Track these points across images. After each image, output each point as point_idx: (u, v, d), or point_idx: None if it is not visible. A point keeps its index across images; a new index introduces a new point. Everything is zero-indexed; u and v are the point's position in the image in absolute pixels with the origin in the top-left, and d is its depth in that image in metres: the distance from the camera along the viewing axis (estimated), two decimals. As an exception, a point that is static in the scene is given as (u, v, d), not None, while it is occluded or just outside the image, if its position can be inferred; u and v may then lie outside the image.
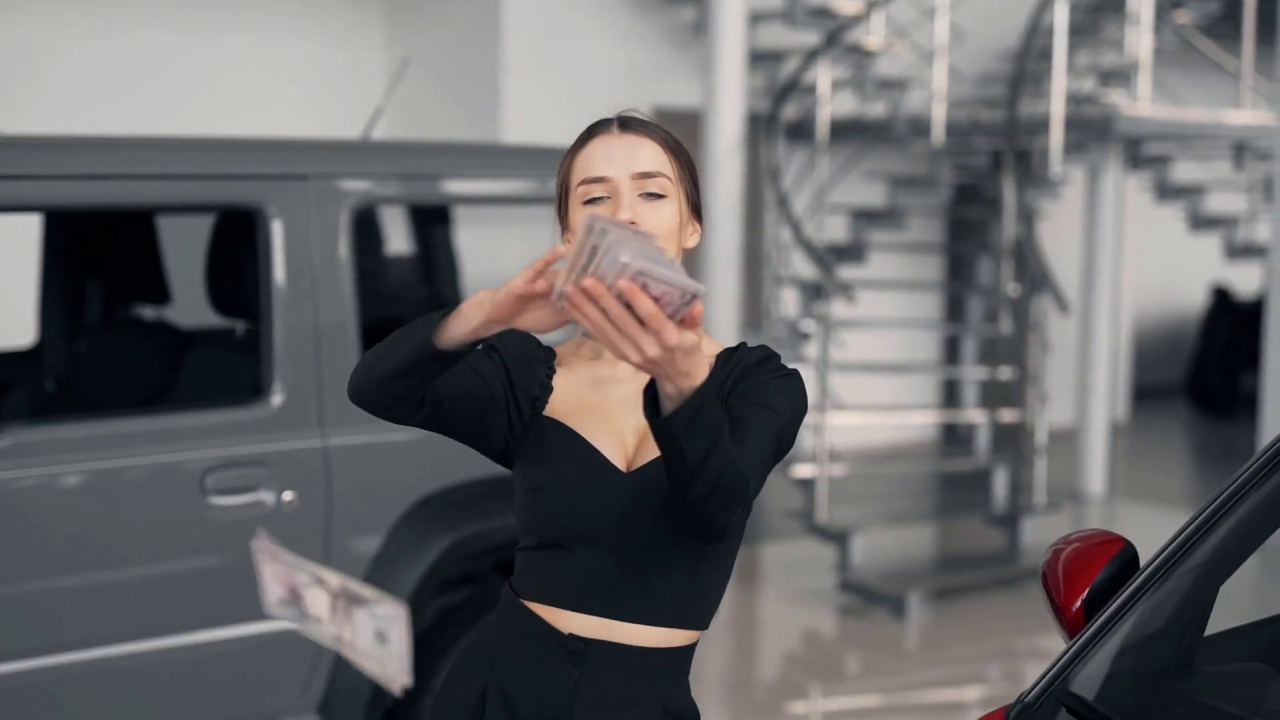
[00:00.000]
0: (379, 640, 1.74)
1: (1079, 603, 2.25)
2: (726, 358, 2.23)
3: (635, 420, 2.20)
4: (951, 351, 11.22)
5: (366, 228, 4.81)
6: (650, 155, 2.20)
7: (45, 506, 3.74)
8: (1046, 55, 9.10)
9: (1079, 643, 2.08)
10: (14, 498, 3.68)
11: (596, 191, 2.19)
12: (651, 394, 1.87)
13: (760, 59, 9.78)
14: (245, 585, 3.99)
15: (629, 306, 1.73)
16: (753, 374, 2.18)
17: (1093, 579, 2.25)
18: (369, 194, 4.23)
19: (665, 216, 2.19)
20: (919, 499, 9.66)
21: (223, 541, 3.94)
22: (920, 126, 9.44)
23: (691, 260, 9.49)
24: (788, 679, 6.59)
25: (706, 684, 6.36)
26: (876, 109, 9.87)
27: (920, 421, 10.72)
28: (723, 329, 8.41)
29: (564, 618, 2.20)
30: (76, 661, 3.77)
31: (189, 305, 4.89)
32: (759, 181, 9.37)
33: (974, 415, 8.62)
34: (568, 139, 7.95)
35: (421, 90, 9.68)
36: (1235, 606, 2.35)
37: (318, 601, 1.79)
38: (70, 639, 3.76)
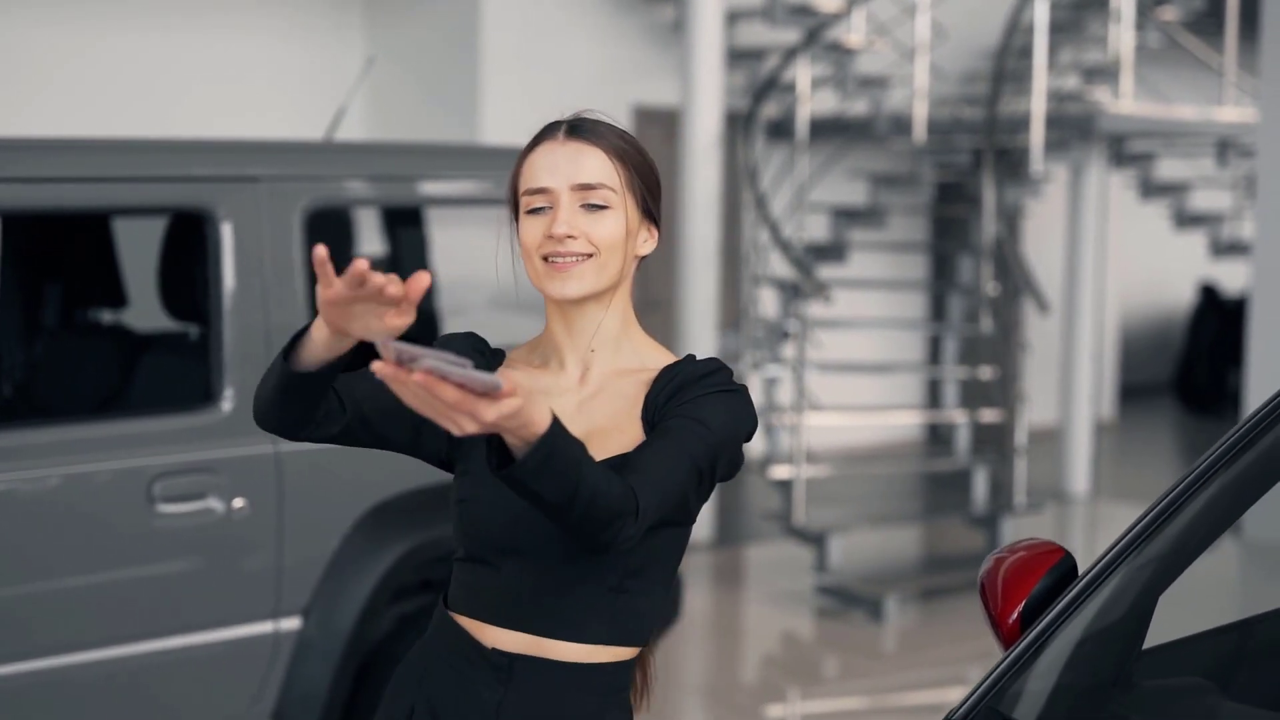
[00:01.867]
0: None
1: (1015, 615, 2.19)
2: (666, 375, 2.17)
3: (572, 431, 2.14)
4: (936, 351, 11.17)
5: (334, 229, 4.74)
6: (593, 166, 2.15)
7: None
8: (1028, 53, 9.04)
9: (1009, 658, 2.02)
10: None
11: (538, 202, 2.15)
12: (498, 442, 1.85)
13: (740, 57, 9.73)
14: (195, 593, 3.95)
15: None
16: (692, 387, 2.13)
17: (1029, 590, 2.19)
18: (322, 196, 4.16)
19: (608, 227, 2.14)
20: (900, 500, 9.61)
21: (171, 549, 3.87)
22: (902, 125, 9.38)
23: (669, 260, 9.46)
24: (765, 681, 6.55)
25: (683, 686, 6.31)
26: (858, 107, 9.81)
27: (900, 422, 10.66)
28: (700, 330, 8.35)
29: (489, 633, 2.16)
30: (23, 671, 3.71)
31: (146, 309, 4.83)
32: (738, 180, 9.32)
33: (954, 415, 8.57)
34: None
35: (400, 90, 9.63)
36: (1176, 618, 2.29)
37: None
38: (17, 649, 3.69)
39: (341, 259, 4.93)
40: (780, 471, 7.81)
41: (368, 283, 1.82)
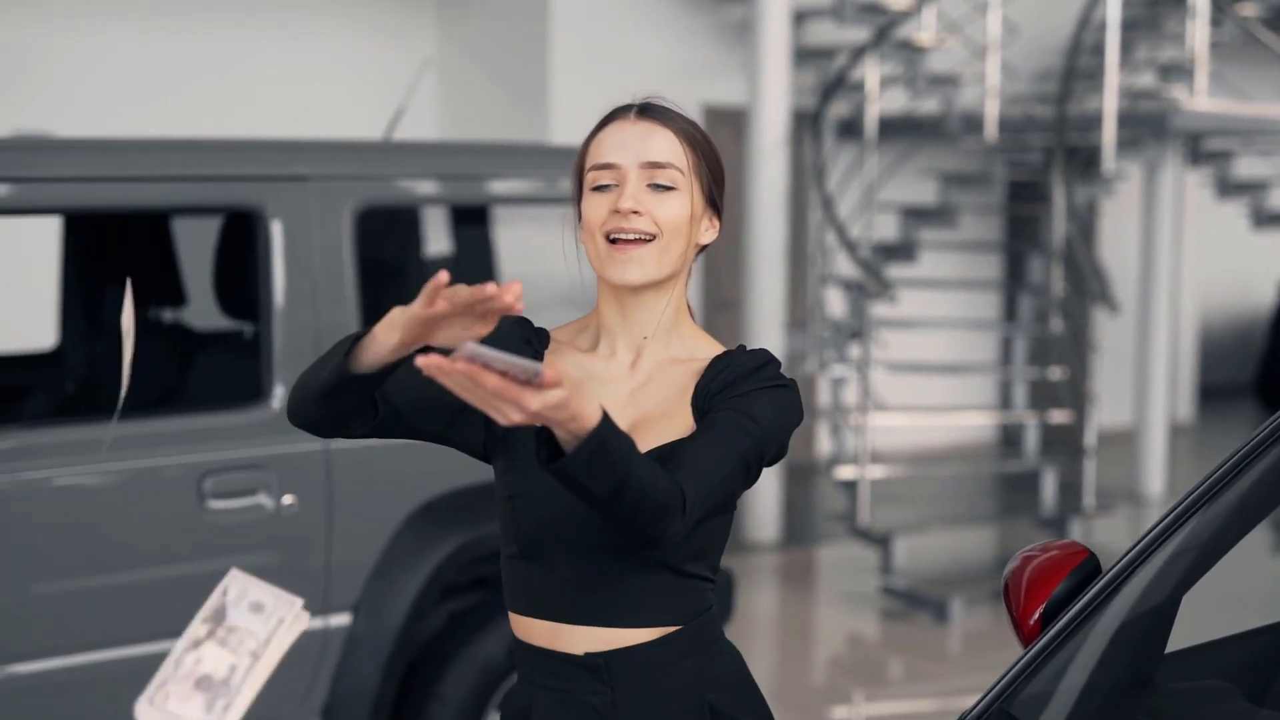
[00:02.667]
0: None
1: (1036, 615, 2.16)
2: (718, 364, 2.16)
3: (620, 419, 2.13)
4: (1009, 352, 11.08)
5: (385, 228, 4.77)
6: (663, 145, 2.14)
7: (45, 509, 3.72)
8: (1101, 50, 8.94)
9: (1023, 659, 1.99)
10: (13, 501, 3.66)
11: (604, 179, 2.14)
12: (547, 435, 1.84)
13: (810, 56, 9.69)
14: (245, 589, 3.97)
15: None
16: (744, 381, 2.12)
17: (1051, 590, 2.16)
18: (373, 195, 4.19)
19: (673, 209, 2.13)
20: (969, 501, 9.54)
21: (220, 545, 3.91)
22: (973, 123, 9.30)
23: (736, 260, 9.43)
24: (830, 683, 6.51)
25: (745, 688, 6.29)
26: (928, 106, 9.74)
27: (970, 423, 10.56)
28: (767, 329, 8.32)
29: (564, 633, 2.14)
30: (77, 665, 3.75)
31: (204, 308, 4.88)
32: (806, 180, 9.28)
33: (1023, 416, 8.49)
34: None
35: (471, 89, 9.68)
36: (1203, 620, 2.25)
37: None
38: (71, 642, 3.74)
39: (392, 257, 4.97)
40: (845, 472, 7.76)
41: (472, 299, 1.82)
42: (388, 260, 4.82)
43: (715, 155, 2.21)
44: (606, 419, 1.81)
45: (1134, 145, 9.31)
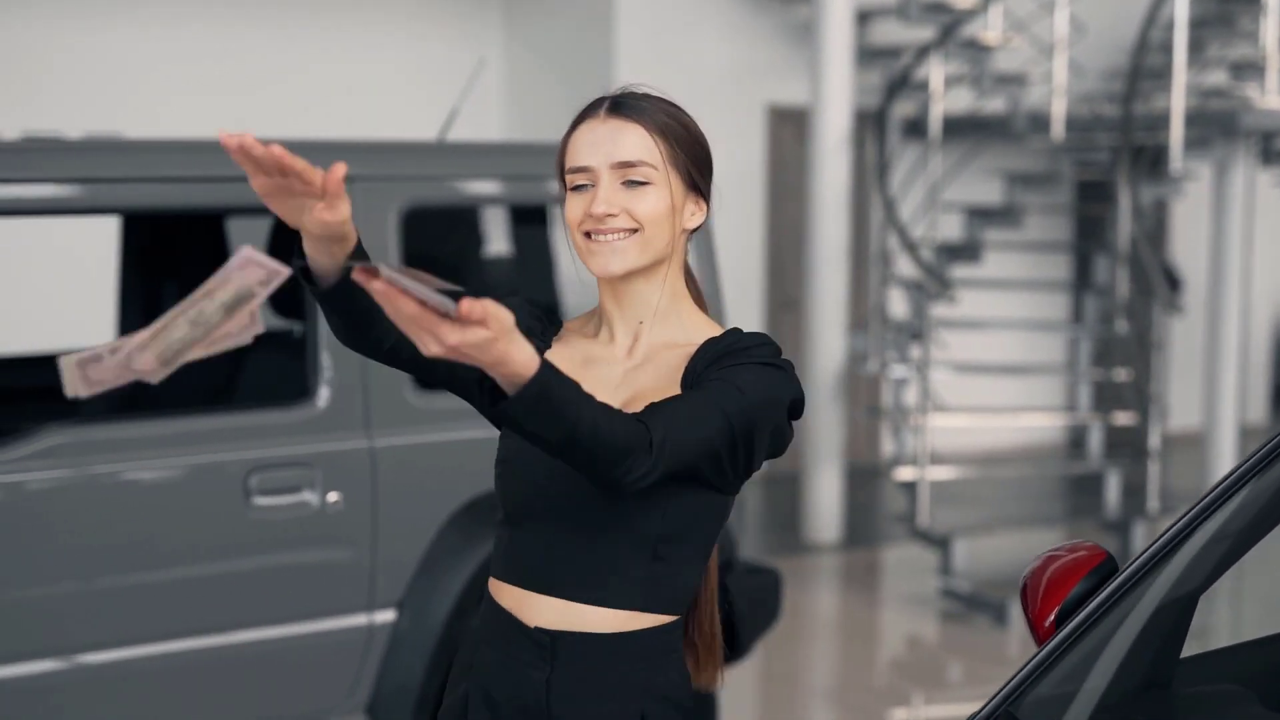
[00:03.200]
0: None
1: (1051, 617, 2.15)
2: (710, 344, 2.17)
3: (614, 401, 2.15)
4: (1077, 354, 10.98)
5: (432, 228, 4.80)
6: (633, 143, 2.15)
7: (92, 506, 3.78)
8: (1170, 48, 8.84)
9: (1032, 662, 1.98)
10: (57, 497, 3.72)
11: (580, 180, 2.17)
12: (491, 382, 1.88)
13: (876, 55, 9.65)
14: (291, 585, 4.02)
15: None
16: (732, 356, 2.13)
17: (1067, 592, 2.14)
18: (418, 195, 4.21)
19: (649, 203, 2.14)
20: (1032, 503, 9.46)
21: (266, 541, 3.95)
22: (1040, 122, 9.23)
23: (796, 259, 9.40)
24: (889, 684, 6.49)
25: (806, 688, 6.30)
26: (993, 105, 9.67)
27: (1035, 424, 10.47)
28: (829, 329, 8.30)
29: (529, 607, 2.16)
30: (125, 658, 3.80)
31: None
32: (868, 180, 9.25)
33: (1086, 418, 8.41)
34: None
35: (538, 88, 9.72)
36: (1221, 624, 2.22)
37: None
38: (118, 636, 3.79)
39: (441, 257, 5.00)
40: (905, 473, 7.73)
41: (287, 169, 1.85)
42: (438, 260, 4.84)
43: (695, 140, 2.21)
44: (547, 365, 1.84)
45: (1204, 145, 9.19)
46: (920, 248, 8.33)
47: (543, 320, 2.29)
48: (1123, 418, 8.15)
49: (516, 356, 1.80)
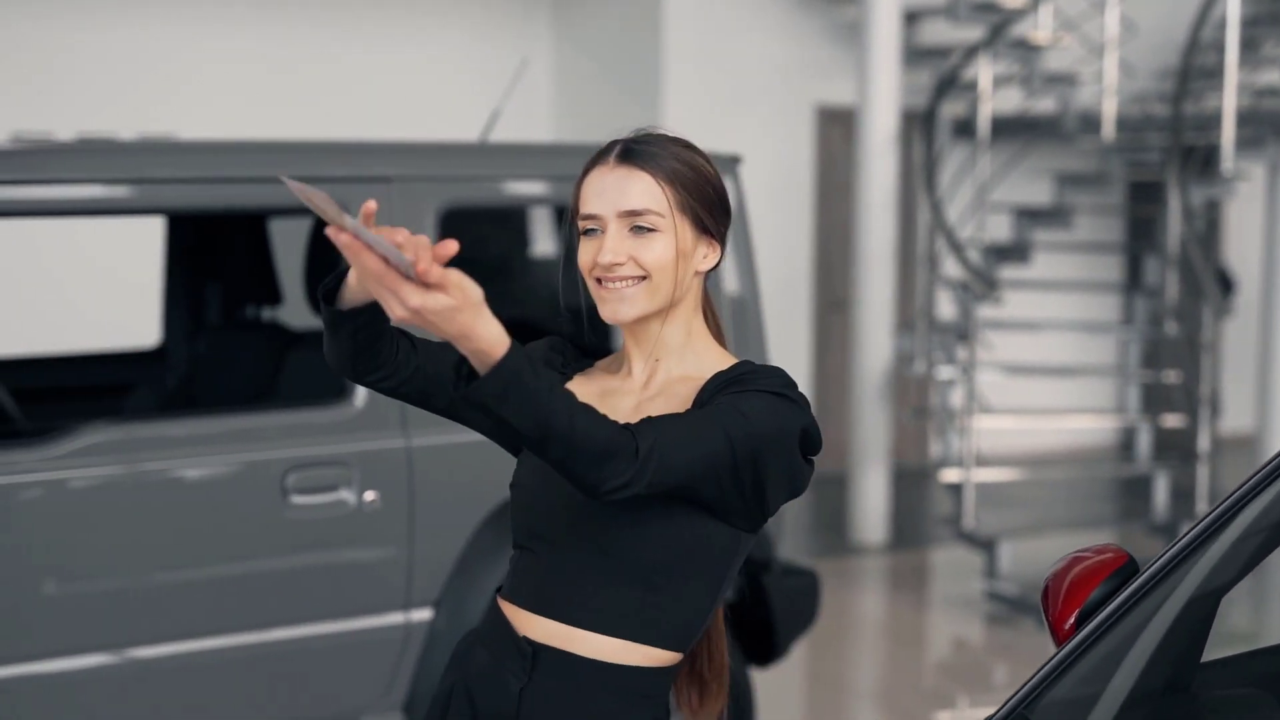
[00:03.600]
0: None
1: (1071, 620, 2.14)
2: (719, 375, 2.18)
3: None
4: (1128, 355, 10.90)
5: (470, 229, 4.82)
6: (639, 193, 2.17)
7: (130, 503, 3.81)
8: (1223, 47, 8.76)
9: (1048, 665, 1.97)
10: (96, 495, 3.76)
11: (590, 225, 2.20)
12: (469, 369, 1.91)
13: (925, 55, 9.61)
14: (327, 583, 4.04)
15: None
16: (739, 383, 2.14)
17: (1087, 595, 2.13)
18: (456, 196, 4.23)
19: (656, 251, 2.17)
20: (1082, 506, 9.40)
21: (303, 540, 3.97)
22: (1090, 122, 9.17)
23: (844, 260, 9.37)
24: (934, 687, 6.46)
25: (851, 690, 6.28)
26: (1043, 105, 9.62)
27: (1086, 426, 10.40)
28: (876, 330, 8.28)
29: (524, 621, 2.21)
30: (163, 655, 3.84)
31: (299, 306, 4.96)
32: (916, 180, 9.21)
33: (1134, 420, 8.35)
34: (730, 136, 8.06)
35: (587, 89, 9.74)
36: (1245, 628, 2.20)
37: None
38: (156, 632, 3.82)
39: (482, 258, 5.01)
40: (951, 475, 7.70)
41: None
42: (478, 261, 4.85)
43: (706, 182, 2.21)
44: (516, 350, 1.88)
45: (1256, 144, 9.10)
46: (967, 248, 8.30)
47: (564, 355, 2.34)
48: (1172, 420, 8.09)
49: (483, 332, 1.85)
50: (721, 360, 2.24)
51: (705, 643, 2.35)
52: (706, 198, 2.21)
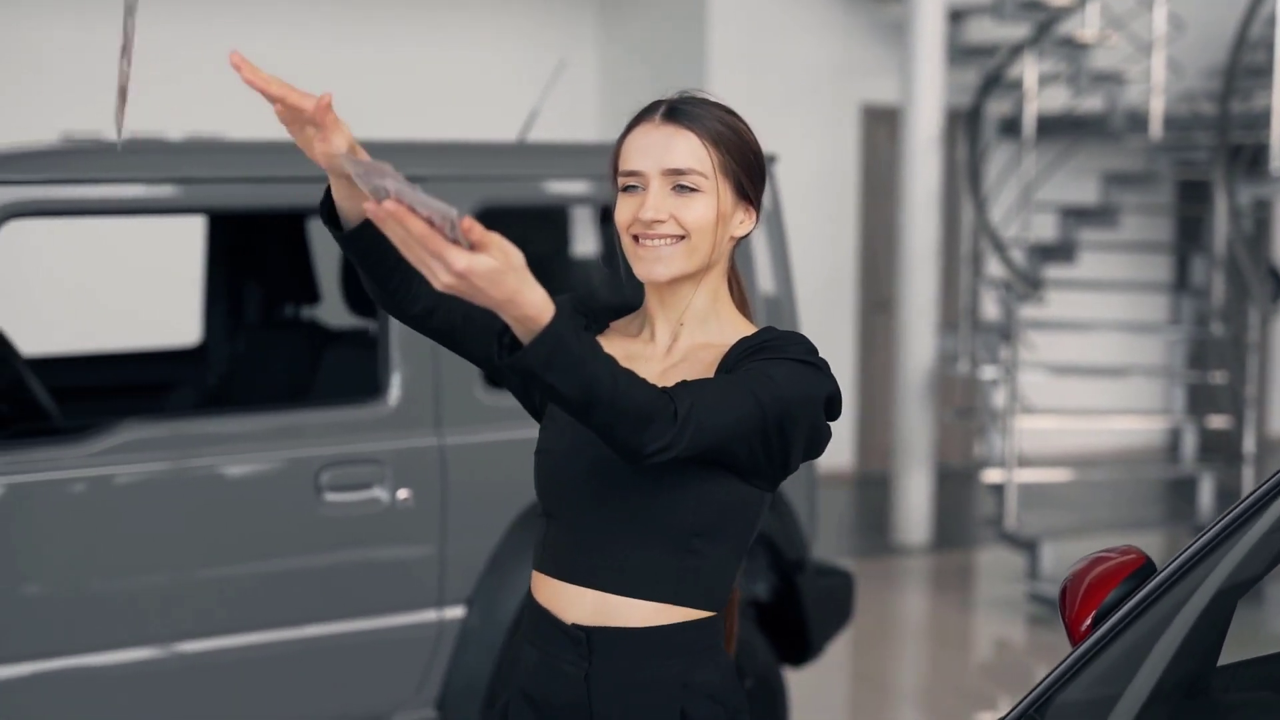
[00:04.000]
0: None
1: (1088, 622, 2.13)
2: (744, 341, 2.18)
3: None
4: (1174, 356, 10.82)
5: (505, 229, 4.84)
6: (684, 151, 2.17)
7: (167, 499, 3.84)
8: (1271, 44, 8.68)
9: (1061, 666, 1.96)
10: (133, 491, 3.79)
11: (631, 182, 2.20)
12: (509, 335, 1.88)
13: (972, 54, 9.57)
14: (360, 580, 4.07)
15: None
16: (765, 351, 2.14)
17: (1104, 597, 2.12)
18: (491, 195, 4.25)
19: (697, 211, 2.16)
20: (1127, 507, 9.34)
21: (336, 537, 4.00)
22: (1137, 121, 9.10)
23: (889, 259, 9.31)
24: (975, 688, 6.44)
25: (893, 690, 6.27)
26: (1090, 103, 9.56)
27: (1132, 427, 10.31)
28: (920, 329, 8.25)
29: (564, 595, 2.19)
30: (198, 650, 3.87)
31: (337, 305, 4.99)
32: (959, 179, 9.18)
33: (1180, 421, 8.29)
34: (774, 136, 8.03)
35: (633, 88, 9.75)
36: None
37: None
38: (191, 629, 3.86)
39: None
40: (993, 475, 7.66)
41: (273, 97, 1.94)
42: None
43: (748, 148, 2.22)
44: (561, 315, 1.85)
45: (1305, 143, 9.02)
46: (1011, 248, 8.25)
47: (587, 316, 2.32)
48: (1218, 421, 8.03)
49: (528, 297, 1.80)
50: (744, 328, 2.24)
51: None
52: (748, 162, 2.22)
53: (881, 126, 9.97)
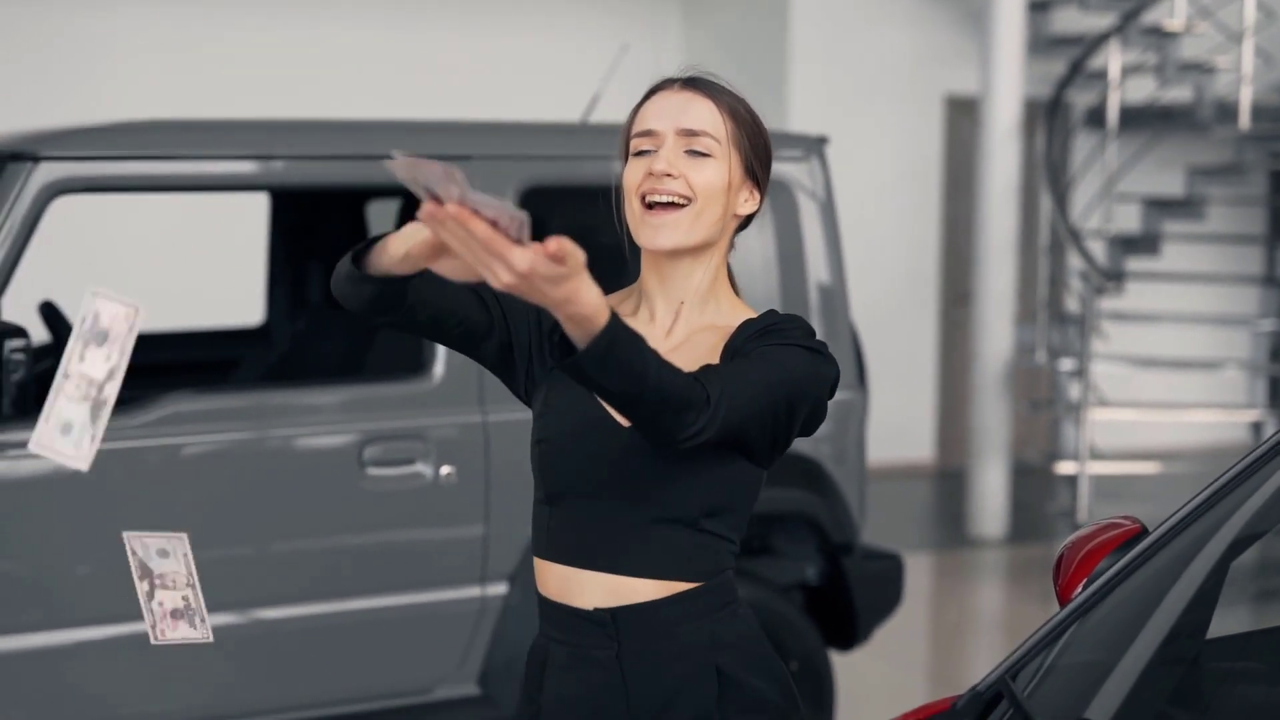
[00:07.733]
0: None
1: (1078, 590, 2.10)
2: (747, 325, 2.18)
3: None
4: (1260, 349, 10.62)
5: (549, 207, 4.85)
6: (701, 113, 2.18)
7: (209, 473, 3.90)
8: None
9: (1039, 632, 1.93)
10: (175, 464, 3.85)
11: (644, 145, 2.19)
12: (562, 338, 1.85)
13: (1057, 44, 9.46)
14: (404, 555, 4.10)
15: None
16: (770, 335, 2.13)
17: (1094, 565, 2.09)
18: (537, 174, 4.27)
19: (707, 175, 2.16)
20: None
21: (380, 512, 4.03)
22: (1226, 111, 8.95)
23: (968, 251, 9.21)
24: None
25: (953, 685, 6.20)
26: (1176, 93, 9.41)
27: (1205, 420, 10.08)
28: (998, 322, 8.17)
29: (575, 581, 2.17)
30: (240, 623, 3.92)
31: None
32: (1039, 170, 9.08)
33: (1262, 415, 8.15)
34: (857, 127, 7.98)
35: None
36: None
37: None
38: (233, 601, 3.90)
39: (570, 235, 5.04)
40: (1066, 467, 7.58)
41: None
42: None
43: (759, 130, 2.23)
44: (615, 316, 1.83)
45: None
46: (1088, 239, 8.15)
47: None
48: (1299, 415, 7.89)
49: (586, 297, 1.78)
50: (745, 310, 2.24)
51: None
52: (757, 141, 2.22)
53: (965, 117, 9.89)
